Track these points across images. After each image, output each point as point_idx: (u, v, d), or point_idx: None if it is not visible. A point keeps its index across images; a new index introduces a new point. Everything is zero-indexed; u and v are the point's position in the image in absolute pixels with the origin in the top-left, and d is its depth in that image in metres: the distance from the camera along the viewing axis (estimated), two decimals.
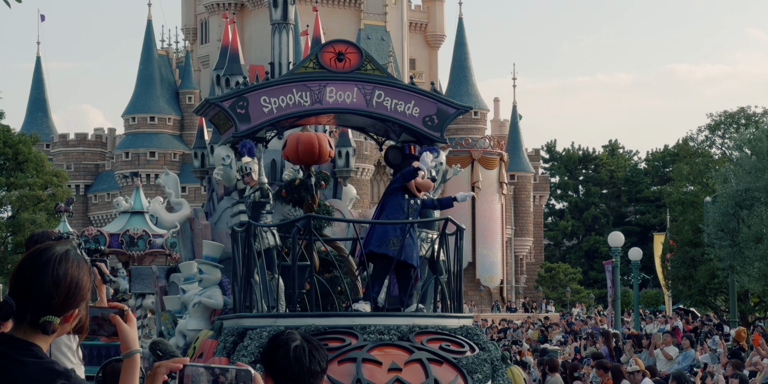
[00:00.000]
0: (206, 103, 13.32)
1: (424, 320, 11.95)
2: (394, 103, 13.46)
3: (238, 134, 13.08)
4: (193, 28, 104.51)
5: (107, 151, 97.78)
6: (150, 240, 30.33)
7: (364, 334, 11.46)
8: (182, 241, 18.19)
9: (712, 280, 45.20)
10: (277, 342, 4.21)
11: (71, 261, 3.56)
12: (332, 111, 13.34)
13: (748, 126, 50.90)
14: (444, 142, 13.80)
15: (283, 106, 13.16)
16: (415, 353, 11.31)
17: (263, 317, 11.93)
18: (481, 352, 11.71)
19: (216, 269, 15.01)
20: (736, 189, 36.39)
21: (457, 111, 13.72)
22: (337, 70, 13.34)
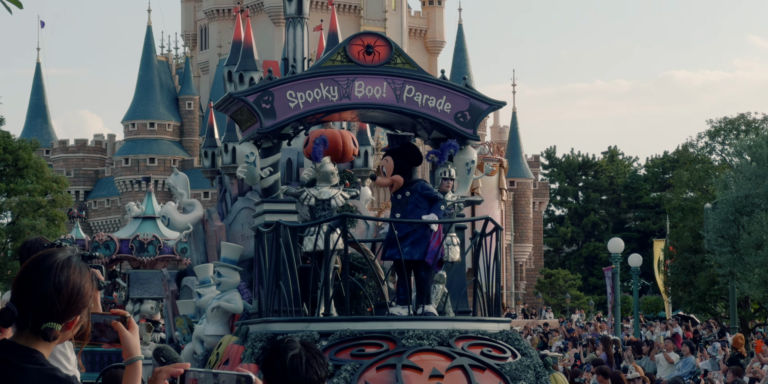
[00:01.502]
0: (229, 98, 12.61)
1: (463, 325, 11.28)
2: (425, 99, 12.78)
3: (263, 130, 12.38)
4: (193, 34, 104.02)
5: (107, 157, 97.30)
6: (160, 245, 29.72)
7: (403, 339, 10.80)
8: (194, 243, 17.48)
9: (712, 286, 44.90)
10: (276, 350, 4.17)
11: (73, 268, 3.54)
12: (361, 106, 12.65)
13: (748, 132, 50.71)
14: (476, 139, 13.12)
15: (310, 101, 12.47)
16: (457, 359, 10.64)
17: (294, 322, 11.24)
18: (523, 358, 11.04)
19: (235, 272, 14.27)
20: (736, 195, 36.07)
21: (490, 107, 13.05)
22: (365, 64, 12.65)
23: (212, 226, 16.75)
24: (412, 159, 12.18)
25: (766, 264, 34.57)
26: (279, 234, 11.53)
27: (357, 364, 10.53)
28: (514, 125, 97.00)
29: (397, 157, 12.04)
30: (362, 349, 10.69)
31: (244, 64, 17.79)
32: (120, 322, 3.70)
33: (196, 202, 17.37)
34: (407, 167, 12.09)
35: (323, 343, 10.88)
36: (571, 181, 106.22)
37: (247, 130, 12.91)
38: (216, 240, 16.60)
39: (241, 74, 17.69)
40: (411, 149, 12.29)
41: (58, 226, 58.66)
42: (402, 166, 12.04)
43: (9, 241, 55.94)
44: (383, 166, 12.00)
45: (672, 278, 47.58)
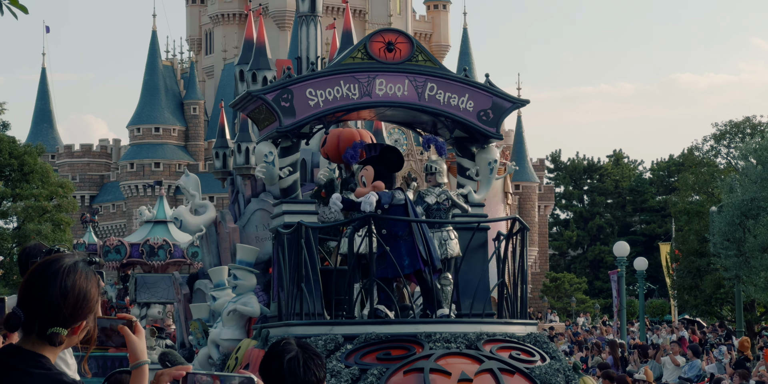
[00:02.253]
0: (247, 96, 12.26)
1: (490, 327, 10.94)
2: (447, 97, 12.43)
3: (282, 129, 12.03)
4: (198, 39, 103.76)
5: (112, 162, 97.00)
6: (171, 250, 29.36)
7: (430, 342, 10.45)
8: (207, 245, 17.13)
9: (718, 289, 44.85)
10: (273, 353, 4.14)
11: (79, 273, 3.53)
12: (382, 105, 12.31)
13: (754, 135, 50.58)
14: (499, 138, 12.78)
15: (330, 99, 12.12)
16: (486, 362, 10.28)
17: (317, 325, 10.89)
18: (552, 361, 10.69)
19: (251, 275, 13.91)
20: (742, 198, 35.98)
21: (513, 105, 12.71)
22: (387, 61, 12.31)
23: (225, 228, 16.40)
24: (392, 165, 11.85)
25: None
26: (300, 235, 11.18)
27: (384, 368, 10.20)
28: (519, 129, 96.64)
29: (377, 165, 11.73)
30: (388, 352, 10.36)
31: (257, 62, 17.42)
32: (126, 326, 3.68)
33: (208, 203, 17.03)
34: (388, 174, 11.78)
35: (348, 346, 10.55)
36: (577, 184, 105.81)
37: (265, 129, 12.57)
38: (229, 242, 16.25)
39: (254, 73, 17.32)
40: (391, 154, 11.93)
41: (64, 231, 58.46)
42: (382, 172, 11.72)
43: (15, 246, 55.86)
44: (363, 176, 11.66)
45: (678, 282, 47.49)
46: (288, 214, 12.23)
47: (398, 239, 11.22)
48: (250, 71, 17.41)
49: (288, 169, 12.47)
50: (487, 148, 12.76)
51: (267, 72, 17.22)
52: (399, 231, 11.28)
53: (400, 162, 11.87)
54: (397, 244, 11.17)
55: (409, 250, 11.18)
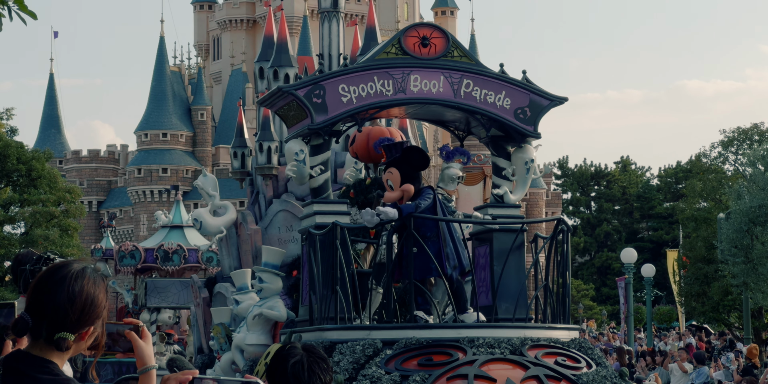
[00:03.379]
0: (277, 92, 11.75)
1: (534, 332, 10.43)
2: (484, 94, 11.92)
3: (314, 126, 11.52)
4: (206, 45, 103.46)
5: (120, 168, 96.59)
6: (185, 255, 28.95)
7: (473, 347, 9.92)
8: (226, 248, 16.62)
9: (725, 296, 44.85)
10: (278, 358, 4.11)
11: (87, 278, 3.52)
12: (417, 101, 11.80)
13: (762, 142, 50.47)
14: (537, 137, 12.29)
15: (364, 96, 11.61)
16: (531, 369, 9.76)
17: (353, 329, 10.37)
18: (599, 368, 10.18)
19: (277, 278, 13.39)
20: (750, 205, 35.96)
21: (551, 102, 12.21)
22: (421, 57, 11.81)
23: (247, 229, 15.90)
24: (418, 164, 11.34)
25: None
26: (336, 236, 10.68)
27: (426, 374, 9.68)
28: None
29: (402, 166, 11.21)
30: (430, 358, 9.84)
31: (279, 59, 16.92)
32: (133, 331, 3.67)
33: (228, 204, 16.51)
34: (415, 174, 11.27)
35: (387, 351, 10.04)
36: (584, 191, 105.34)
37: (295, 127, 12.06)
38: (251, 244, 15.76)
39: (275, 70, 16.83)
40: (414, 153, 11.40)
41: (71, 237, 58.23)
42: (409, 174, 11.19)
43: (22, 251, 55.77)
44: (388, 180, 11.13)
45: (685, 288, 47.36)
46: (319, 214, 11.72)
47: (426, 240, 10.73)
48: (272, 68, 16.91)
49: (319, 168, 11.97)
50: (524, 147, 12.27)
51: (289, 69, 16.75)
52: (427, 232, 10.79)
53: (426, 160, 11.37)
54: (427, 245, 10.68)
55: (437, 252, 10.70)
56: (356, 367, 9.85)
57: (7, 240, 54.76)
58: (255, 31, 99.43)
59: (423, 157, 11.29)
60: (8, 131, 55.74)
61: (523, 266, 11.90)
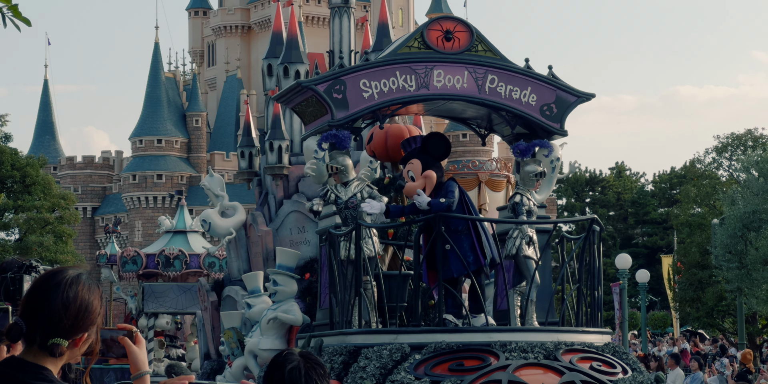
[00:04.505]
0: (297, 87, 11.25)
1: (567, 336, 9.94)
2: (509, 90, 11.44)
3: (335, 122, 11.02)
4: (200, 51, 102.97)
5: (114, 174, 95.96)
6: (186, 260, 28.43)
7: (506, 352, 9.42)
8: (236, 250, 16.08)
9: (719, 302, 44.82)
10: (275, 364, 4.10)
11: (82, 284, 3.50)
12: (441, 97, 11.31)
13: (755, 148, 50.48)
14: (564, 134, 11.81)
15: (386, 91, 11.12)
16: (567, 374, 9.26)
17: (379, 333, 9.85)
18: (635, 373, 9.69)
19: (292, 280, 12.88)
20: (744, 211, 36.00)
21: (578, 99, 11.73)
22: (445, 51, 11.32)
23: (257, 231, 15.35)
24: (439, 152, 10.83)
25: None
26: (360, 236, 10.17)
27: (457, 379, 9.18)
28: None
29: (422, 156, 10.70)
30: (461, 363, 9.32)
31: (289, 55, 16.36)
32: (127, 337, 3.66)
33: (238, 205, 15.95)
34: (437, 164, 10.78)
35: (416, 356, 9.53)
36: (579, 196, 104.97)
37: (313, 123, 11.57)
38: (261, 246, 15.23)
39: (286, 67, 16.28)
40: (434, 139, 10.90)
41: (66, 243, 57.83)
42: (430, 162, 10.71)
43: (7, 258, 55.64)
44: (409, 171, 10.63)
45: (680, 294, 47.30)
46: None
47: (459, 234, 10.24)
48: (282, 65, 16.36)
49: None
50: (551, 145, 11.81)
51: (300, 66, 16.21)
52: (459, 225, 10.30)
53: (447, 147, 10.86)
54: (458, 240, 10.20)
55: (471, 246, 10.20)
56: (384, 372, 9.35)
57: (1, 247, 54.47)
58: (250, 37, 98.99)
59: (443, 143, 10.80)
60: (2, 138, 55.59)
61: (549, 268, 11.45)
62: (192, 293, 26.37)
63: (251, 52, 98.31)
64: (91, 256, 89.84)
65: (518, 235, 11.27)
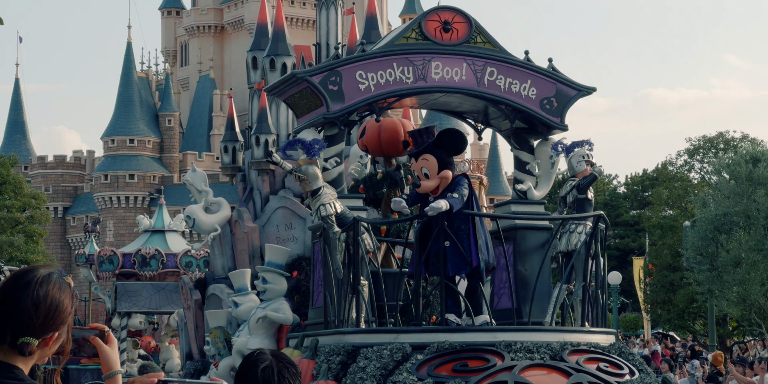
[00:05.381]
0: (291, 78, 10.84)
1: (572, 336, 9.57)
2: (509, 83, 11.06)
3: (330, 115, 10.61)
4: (173, 51, 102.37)
5: (86, 174, 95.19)
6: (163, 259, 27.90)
7: (511, 352, 9.03)
8: (220, 247, 15.61)
9: (690, 304, 45.10)
10: (247, 364, 4.08)
11: (53, 283, 3.47)
12: (439, 90, 10.92)
13: (727, 151, 50.81)
14: (564, 129, 11.45)
15: (383, 83, 10.72)
16: (574, 376, 8.89)
17: (378, 333, 9.45)
18: (642, 375, 9.33)
19: (282, 278, 12.44)
20: (715, 213, 36.28)
21: (579, 92, 11.37)
22: (443, 42, 10.94)
23: (243, 227, 14.89)
24: (454, 148, 10.44)
25: (744, 282, 34.43)
26: (357, 232, 9.76)
27: (462, 380, 8.79)
28: (494, 143, 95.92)
29: (437, 152, 10.32)
30: (465, 363, 8.92)
31: (275, 48, 15.85)
32: (98, 336, 3.64)
33: (222, 200, 15.46)
34: (450, 159, 10.38)
35: (418, 356, 9.12)
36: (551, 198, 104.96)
37: (307, 116, 11.15)
38: (247, 243, 14.79)
39: (272, 59, 15.77)
40: (449, 136, 10.52)
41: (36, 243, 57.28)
42: (445, 160, 10.30)
43: None
44: (423, 167, 10.21)
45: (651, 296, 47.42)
46: None
47: (460, 233, 9.84)
48: (268, 57, 15.85)
49: (334, 160, 11.06)
50: (549, 140, 11.46)
51: (287, 58, 15.73)
52: (461, 224, 9.89)
53: (462, 143, 10.47)
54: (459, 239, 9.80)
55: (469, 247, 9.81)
56: (384, 373, 8.95)
57: None
58: (223, 37, 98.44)
59: (459, 139, 10.38)
60: None
61: (548, 266, 11.11)
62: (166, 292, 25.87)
63: (224, 52, 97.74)
64: (61, 255, 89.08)
65: (582, 229, 11.02)
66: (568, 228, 11.19)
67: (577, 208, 11.66)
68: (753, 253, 34.36)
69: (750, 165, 35.99)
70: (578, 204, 11.69)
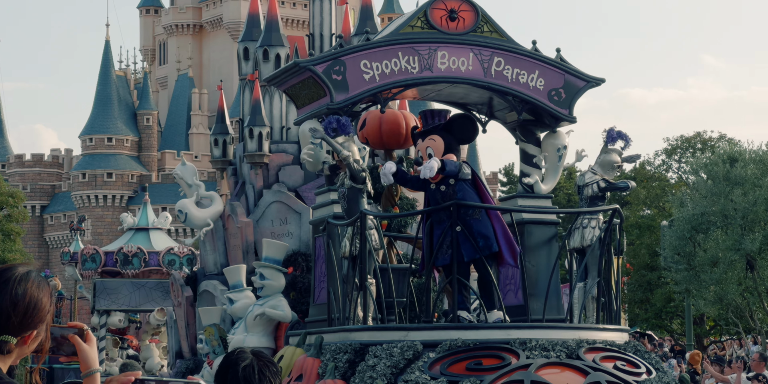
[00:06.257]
0: (293, 68, 10.42)
1: (588, 333, 9.19)
2: (516, 73, 10.68)
3: (334, 106, 10.20)
4: (152, 50, 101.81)
5: (64, 172, 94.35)
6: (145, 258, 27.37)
7: (525, 350, 8.65)
8: (212, 242, 15.15)
9: (668, 303, 45.12)
10: (228, 362, 4.04)
11: (31, 282, 3.46)
12: (445, 80, 10.52)
13: (704, 150, 50.86)
14: (572, 121, 11.08)
15: (387, 73, 10.32)
16: (592, 375, 8.51)
17: (387, 330, 9.04)
18: (660, 374, 8.97)
19: (280, 274, 12.01)
20: (692, 213, 36.11)
21: (587, 84, 11.01)
22: (449, 32, 10.55)
23: (236, 222, 14.42)
24: (464, 135, 10.07)
25: (722, 281, 34.28)
26: (365, 226, 9.35)
27: (477, 379, 8.40)
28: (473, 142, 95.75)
29: (446, 135, 9.94)
30: (479, 362, 8.53)
31: (269, 38, 15.32)
32: (77, 335, 3.60)
33: (215, 194, 14.98)
34: (458, 146, 10.00)
35: (430, 354, 8.71)
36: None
37: (308, 107, 10.73)
38: (241, 238, 14.33)
39: (265, 50, 15.28)
40: (461, 121, 10.14)
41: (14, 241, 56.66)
42: (452, 144, 9.93)
43: None
44: (429, 147, 9.84)
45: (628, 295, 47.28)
46: (338, 203, 10.39)
47: (470, 218, 9.44)
48: (261, 47, 15.35)
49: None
50: (557, 132, 11.09)
51: (280, 49, 15.23)
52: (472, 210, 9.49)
53: (474, 131, 10.08)
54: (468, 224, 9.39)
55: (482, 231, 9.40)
56: (395, 371, 8.54)
57: None
58: (201, 36, 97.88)
59: (470, 126, 10.00)
60: None
61: (556, 262, 10.75)
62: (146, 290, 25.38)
63: (203, 51, 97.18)
64: (39, 254, 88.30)
65: (596, 224, 10.73)
66: (581, 223, 10.85)
67: (590, 204, 11.33)
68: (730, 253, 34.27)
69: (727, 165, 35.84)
70: (592, 200, 11.38)
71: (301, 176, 14.88)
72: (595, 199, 11.39)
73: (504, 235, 9.54)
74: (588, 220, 10.99)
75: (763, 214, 34.56)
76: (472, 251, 9.35)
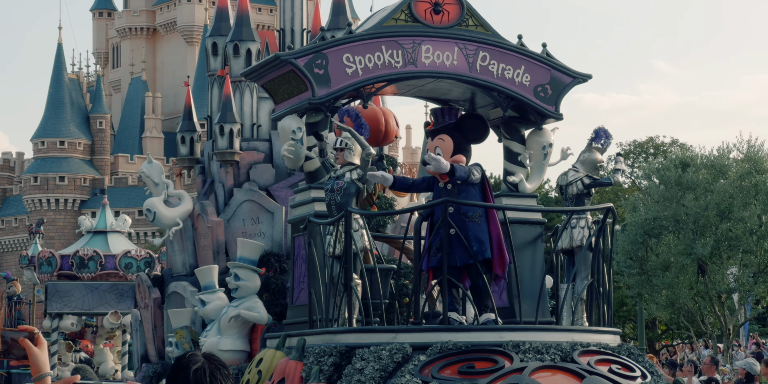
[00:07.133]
0: (274, 61, 10.02)
1: (581, 336, 8.87)
2: (502, 68, 10.36)
3: (316, 101, 9.81)
4: (105, 53, 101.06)
5: (15, 176, 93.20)
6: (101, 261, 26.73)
7: (519, 353, 8.30)
8: (180, 242, 14.68)
9: (620, 307, 45.24)
10: (179, 365, 4.06)
11: None
12: (429, 75, 10.17)
13: (657, 155, 51.11)
14: (559, 118, 10.76)
15: (371, 67, 9.96)
16: (587, 378, 8.19)
17: (375, 332, 8.65)
18: (655, 377, 8.68)
19: (255, 275, 11.60)
20: (645, 218, 36.41)
21: (574, 80, 10.70)
22: (433, 25, 10.20)
23: (207, 221, 13.97)
24: (474, 135, 9.79)
25: (673, 286, 34.54)
26: (349, 224, 8.98)
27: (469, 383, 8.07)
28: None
29: (455, 135, 9.67)
30: (472, 365, 8.17)
31: (239, 33, 14.86)
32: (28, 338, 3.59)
33: (184, 193, 14.50)
34: (468, 146, 9.72)
35: (420, 357, 8.34)
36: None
37: (288, 102, 10.33)
38: (211, 238, 13.88)
39: (236, 45, 14.83)
40: (473, 121, 9.84)
41: None
42: (462, 144, 9.64)
43: None
44: (437, 147, 9.55)
45: None
46: (319, 201, 10.02)
47: (468, 221, 9.12)
48: (232, 42, 14.89)
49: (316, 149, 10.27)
50: (542, 129, 10.78)
51: (251, 44, 14.78)
52: (469, 210, 9.17)
53: (485, 131, 9.78)
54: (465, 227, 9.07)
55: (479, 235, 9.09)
56: (384, 375, 8.16)
57: None
58: (155, 39, 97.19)
59: (481, 126, 9.68)
60: None
61: (542, 262, 10.44)
62: (100, 293, 24.74)
63: (156, 54, 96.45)
64: None
65: (585, 224, 10.47)
66: (569, 223, 10.57)
67: (576, 202, 11.06)
68: (682, 257, 34.43)
69: (679, 170, 35.98)
70: (578, 198, 11.11)
71: (273, 175, 14.46)
72: (581, 196, 11.13)
73: (497, 244, 9.23)
74: (576, 220, 10.71)
75: (715, 219, 34.73)
76: (465, 255, 9.02)
